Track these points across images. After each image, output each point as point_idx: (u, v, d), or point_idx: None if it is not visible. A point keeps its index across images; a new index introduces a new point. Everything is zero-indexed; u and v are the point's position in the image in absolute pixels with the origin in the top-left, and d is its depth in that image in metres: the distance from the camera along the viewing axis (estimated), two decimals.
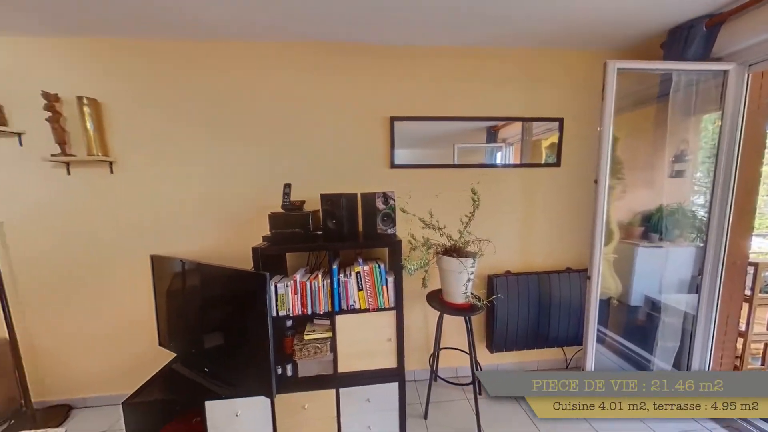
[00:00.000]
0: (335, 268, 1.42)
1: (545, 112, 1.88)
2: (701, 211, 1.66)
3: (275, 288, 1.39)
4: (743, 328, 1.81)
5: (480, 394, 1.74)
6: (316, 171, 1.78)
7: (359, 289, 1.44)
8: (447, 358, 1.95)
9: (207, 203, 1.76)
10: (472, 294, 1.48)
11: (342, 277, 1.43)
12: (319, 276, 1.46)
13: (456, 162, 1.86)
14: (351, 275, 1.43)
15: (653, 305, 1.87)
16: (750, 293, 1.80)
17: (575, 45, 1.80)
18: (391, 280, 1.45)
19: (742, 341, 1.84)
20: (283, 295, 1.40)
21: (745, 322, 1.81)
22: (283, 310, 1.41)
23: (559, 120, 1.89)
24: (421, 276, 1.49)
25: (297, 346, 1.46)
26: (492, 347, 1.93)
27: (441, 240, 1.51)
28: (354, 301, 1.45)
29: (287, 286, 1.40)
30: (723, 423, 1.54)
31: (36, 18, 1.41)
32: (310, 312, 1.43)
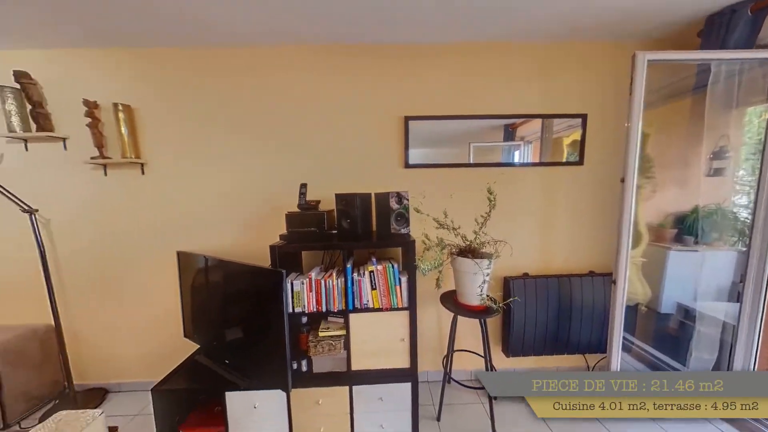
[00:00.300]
0: (349, 266, 1.44)
1: (567, 108, 1.81)
2: (744, 213, 1.53)
3: (291, 285, 1.43)
4: None
5: (495, 399, 1.70)
6: (331, 171, 1.81)
7: (372, 289, 1.45)
8: (461, 360, 1.92)
9: (228, 202, 1.84)
10: (487, 296, 1.45)
11: (356, 276, 1.45)
12: (334, 274, 1.49)
13: (471, 161, 1.83)
14: (364, 274, 1.45)
15: (687, 313, 1.75)
16: None
17: (600, 37, 1.71)
18: (405, 280, 1.45)
19: None
20: (299, 293, 1.44)
21: None
22: (299, 306, 1.45)
23: (582, 116, 1.80)
24: (435, 276, 1.48)
25: (312, 342, 1.49)
26: (508, 351, 1.88)
27: (455, 240, 1.49)
28: (367, 300, 1.46)
29: (303, 283, 1.44)
30: (736, 424, 1.42)
31: (81, 31, 1.54)
32: (324, 309, 1.46)
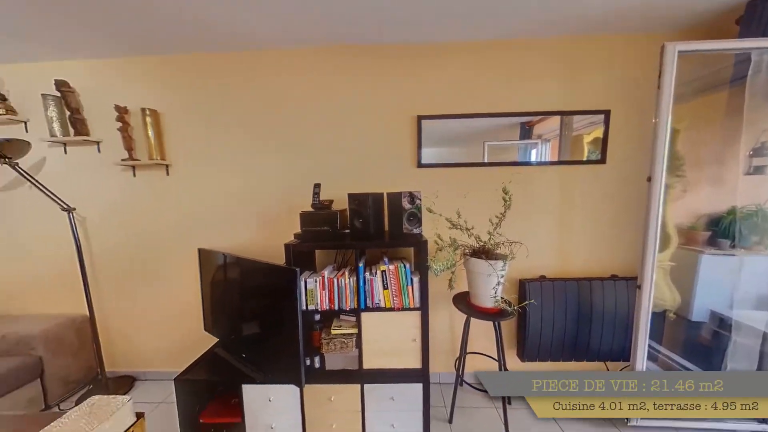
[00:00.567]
0: (361, 266, 1.45)
1: (588, 104, 1.73)
2: None
3: (305, 283, 1.46)
4: None
5: (509, 404, 1.66)
6: (344, 171, 1.84)
7: (384, 288, 1.45)
8: (474, 363, 1.88)
9: (245, 202, 1.91)
10: (502, 298, 1.42)
11: (368, 275, 1.46)
12: (346, 273, 1.50)
13: (486, 160, 1.79)
14: (376, 274, 1.45)
15: (721, 322, 1.62)
16: None
17: (625, 29, 1.62)
18: (417, 280, 1.44)
19: None
20: (312, 290, 1.47)
21: None
22: (312, 304, 1.48)
23: (605, 112, 1.72)
24: (448, 277, 1.46)
25: (324, 339, 1.52)
26: (523, 356, 1.82)
27: (469, 241, 1.47)
28: (379, 300, 1.46)
29: (316, 281, 1.46)
30: None
31: (114, 42, 1.65)
32: (337, 308, 1.48)
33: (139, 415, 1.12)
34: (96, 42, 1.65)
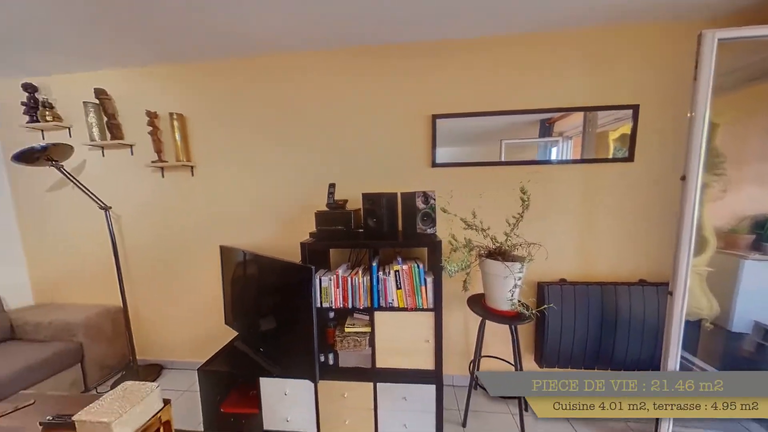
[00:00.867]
0: (375, 265, 1.46)
1: (615, 99, 1.64)
2: None
3: (320, 281, 1.49)
4: None
5: (526, 410, 1.60)
6: (358, 171, 1.86)
7: (398, 288, 1.45)
8: (489, 366, 1.84)
9: (264, 201, 1.97)
10: (519, 301, 1.38)
11: (381, 275, 1.47)
12: (360, 272, 1.52)
13: (503, 159, 1.74)
14: (390, 273, 1.46)
15: (766, 334, 1.48)
16: None
17: (656, 17, 1.52)
18: (430, 280, 1.43)
19: None
20: (327, 288, 1.50)
21: None
22: (327, 302, 1.51)
23: (634, 107, 1.62)
24: (462, 278, 1.44)
25: (338, 337, 1.54)
26: (541, 361, 1.76)
27: (485, 242, 1.44)
28: (392, 299, 1.47)
29: (330, 279, 1.49)
30: None
31: (145, 51, 1.76)
32: (350, 306, 1.50)
33: (166, 402, 1.20)
34: (130, 52, 1.77)
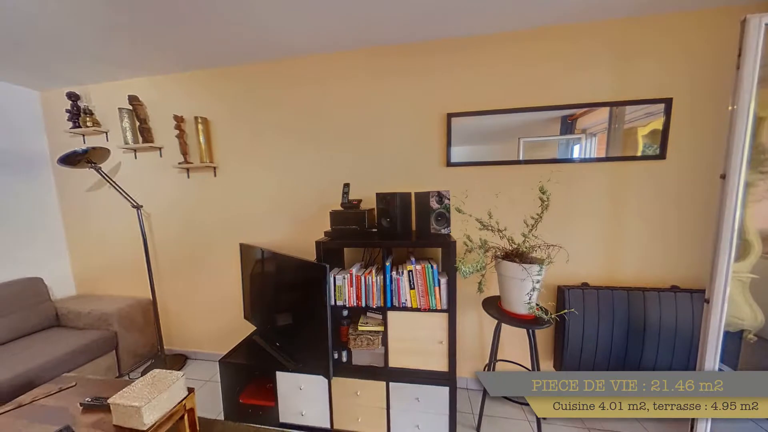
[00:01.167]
0: (388, 265, 1.46)
1: (645, 92, 1.54)
2: None
3: (334, 279, 1.52)
4: None
5: (544, 418, 1.55)
6: (373, 171, 1.86)
7: (411, 288, 1.45)
8: (504, 371, 1.79)
9: (281, 201, 2.03)
10: (537, 305, 1.33)
11: (394, 275, 1.47)
12: (373, 271, 1.53)
13: (521, 158, 1.69)
14: (403, 273, 1.46)
15: None
16: None
17: (690, 4, 1.41)
18: (444, 281, 1.42)
19: None
20: (341, 287, 1.52)
21: None
22: (340, 300, 1.53)
23: (666, 101, 1.52)
24: (477, 280, 1.41)
25: (352, 335, 1.56)
26: (561, 368, 1.69)
27: (501, 243, 1.40)
28: (405, 299, 1.46)
29: (344, 278, 1.51)
30: None
31: (174, 59, 1.87)
32: (363, 305, 1.51)
33: (190, 390, 1.27)
34: (160, 60, 1.88)
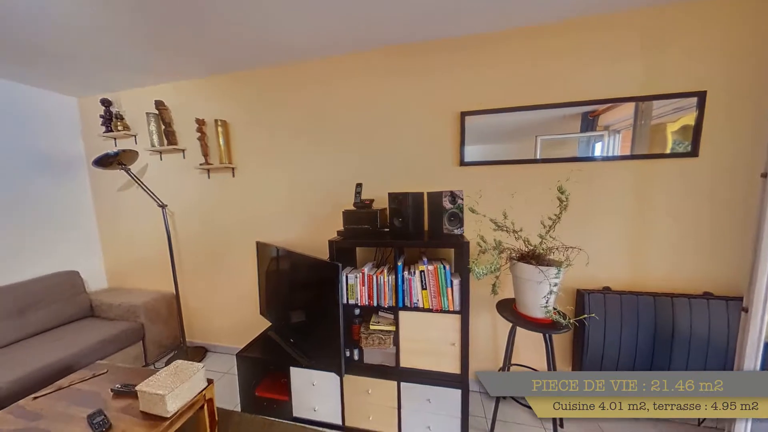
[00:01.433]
0: (400, 264, 1.46)
1: (675, 86, 1.45)
2: None
3: (346, 278, 1.54)
4: None
5: (562, 426, 1.50)
6: (385, 170, 1.87)
7: (423, 288, 1.44)
8: None
9: (296, 200, 2.08)
10: (554, 309, 1.28)
11: (406, 275, 1.46)
12: (385, 271, 1.53)
13: (538, 157, 1.63)
14: (415, 273, 1.45)
15: None
16: None
17: None
18: (457, 282, 1.40)
19: None
20: (353, 285, 1.54)
21: None
22: (353, 299, 1.55)
23: (699, 94, 1.42)
24: (491, 282, 1.38)
25: (363, 334, 1.57)
26: None
27: (516, 244, 1.37)
28: (417, 300, 1.46)
29: (356, 277, 1.53)
30: None
31: (196, 64, 1.95)
32: (375, 304, 1.52)
33: (210, 381, 1.33)
34: (184, 67, 1.98)
